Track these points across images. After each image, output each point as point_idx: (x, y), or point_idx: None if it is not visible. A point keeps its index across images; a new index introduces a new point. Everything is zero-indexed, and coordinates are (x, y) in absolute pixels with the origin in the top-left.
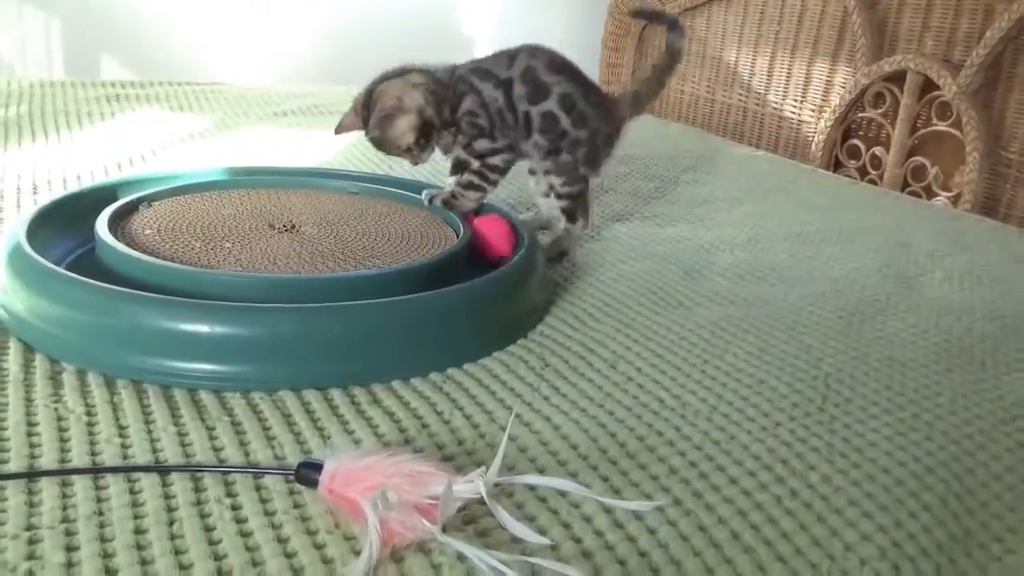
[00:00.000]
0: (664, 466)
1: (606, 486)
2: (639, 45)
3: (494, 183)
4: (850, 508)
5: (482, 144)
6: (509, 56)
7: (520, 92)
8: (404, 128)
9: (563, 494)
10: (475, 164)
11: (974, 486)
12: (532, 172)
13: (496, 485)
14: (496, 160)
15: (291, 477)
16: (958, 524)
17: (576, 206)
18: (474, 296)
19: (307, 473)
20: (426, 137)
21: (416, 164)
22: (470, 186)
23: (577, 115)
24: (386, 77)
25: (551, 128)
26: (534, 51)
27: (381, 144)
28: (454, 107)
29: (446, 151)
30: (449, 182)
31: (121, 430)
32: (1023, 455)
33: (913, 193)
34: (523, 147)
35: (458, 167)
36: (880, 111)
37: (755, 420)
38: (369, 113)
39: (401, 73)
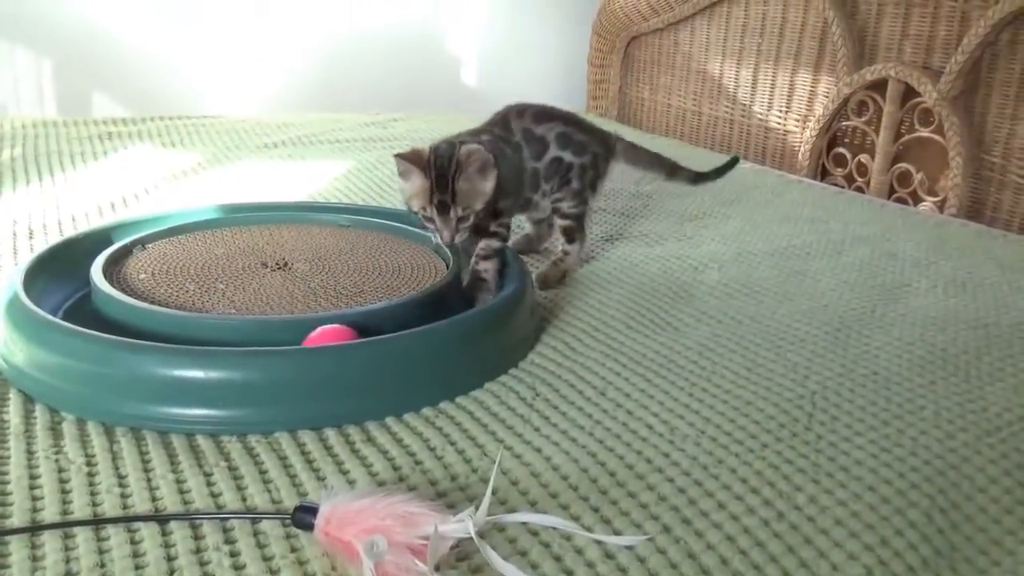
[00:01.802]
0: (653, 493)
1: (596, 517)
2: (624, 61)
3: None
4: (836, 528)
5: (500, 205)
6: (505, 123)
7: (527, 153)
8: (488, 189)
9: (555, 528)
10: (494, 225)
11: (959, 500)
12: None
13: (487, 522)
14: (507, 220)
15: (287, 521)
16: (943, 539)
17: (578, 227)
18: (465, 329)
19: (303, 517)
20: (483, 214)
21: (450, 239)
22: (488, 257)
23: (577, 146)
24: (440, 146)
25: (557, 170)
26: (520, 111)
27: (454, 198)
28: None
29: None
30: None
31: (121, 479)
32: (1007, 466)
33: (899, 199)
34: (533, 199)
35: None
36: (864, 119)
37: (743, 443)
38: (434, 165)
39: (460, 142)
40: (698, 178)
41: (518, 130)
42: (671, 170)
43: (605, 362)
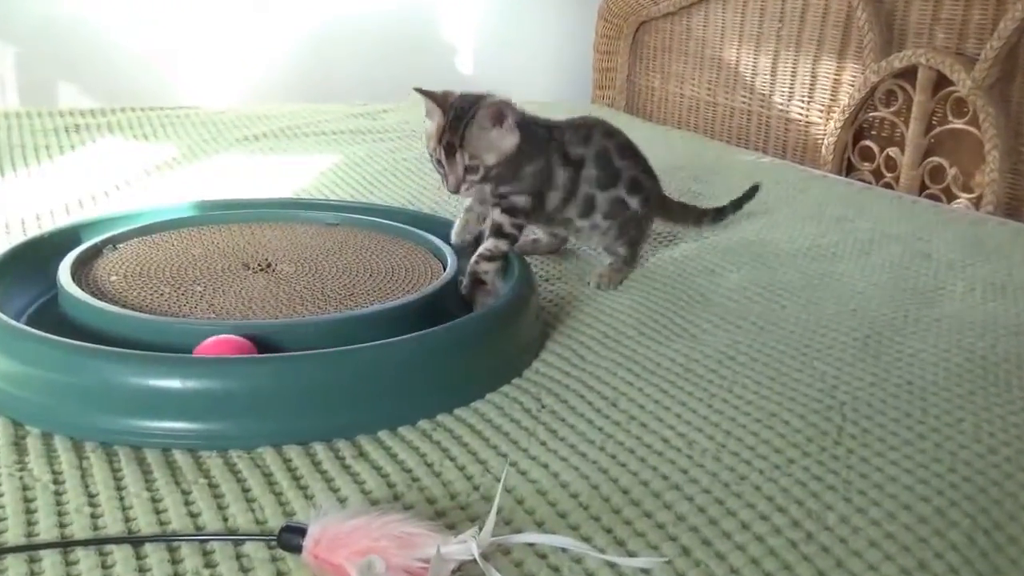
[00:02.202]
0: (671, 513)
1: (609, 538)
2: (633, 48)
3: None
4: (871, 551)
5: (519, 200)
6: (584, 132)
7: (590, 174)
8: (503, 145)
9: (564, 549)
10: (507, 223)
11: (1002, 520)
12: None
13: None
14: (520, 220)
15: (273, 543)
16: (986, 562)
17: (631, 258)
18: (464, 335)
19: (290, 538)
20: (496, 173)
21: (456, 191)
22: (492, 258)
23: (643, 196)
24: (470, 94)
25: (618, 212)
26: (609, 131)
27: (462, 141)
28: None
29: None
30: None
31: (91, 498)
32: None
33: (932, 196)
34: (576, 224)
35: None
36: (892, 110)
37: (767, 458)
38: (455, 107)
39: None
40: (718, 215)
41: (596, 146)
42: (697, 218)
43: (616, 371)
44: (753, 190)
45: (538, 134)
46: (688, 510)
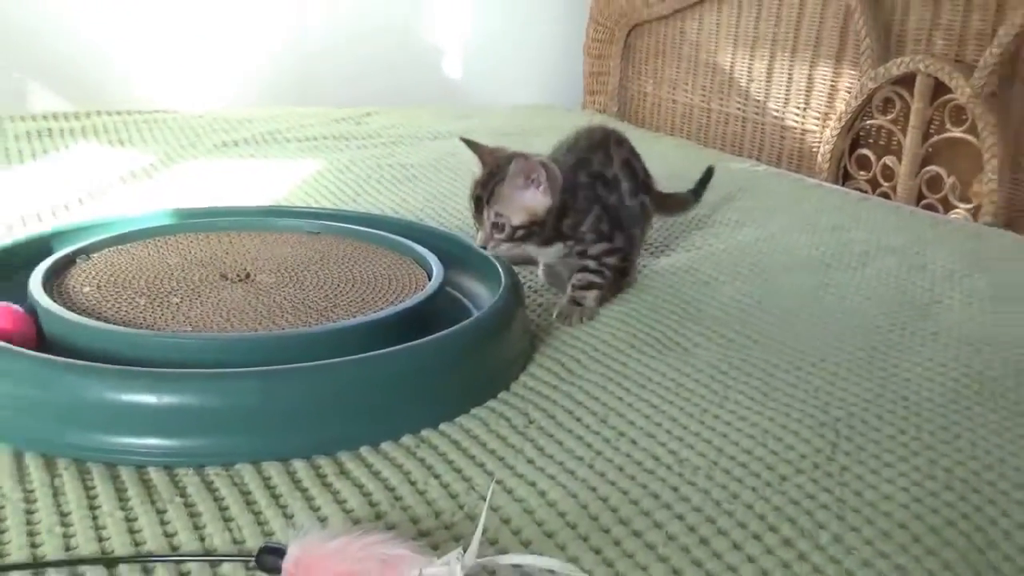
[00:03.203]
0: (661, 532)
1: (598, 559)
2: (625, 52)
3: (609, 278)
4: (864, 570)
5: (599, 248)
6: (603, 150)
7: (626, 187)
8: (532, 205)
9: (551, 571)
10: (592, 263)
11: (998, 538)
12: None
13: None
14: (612, 260)
15: (252, 564)
16: None
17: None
18: (449, 347)
19: (269, 559)
20: (525, 234)
21: (483, 246)
22: (590, 285)
23: (651, 194)
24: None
25: (641, 217)
26: (619, 140)
27: (490, 197)
28: (573, 220)
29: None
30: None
31: (63, 517)
32: None
33: (929, 206)
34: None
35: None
36: (890, 117)
37: (759, 475)
38: (491, 169)
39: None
40: (695, 195)
41: (618, 161)
42: (683, 203)
43: (606, 386)
44: (709, 172)
45: (584, 185)
46: (679, 529)
